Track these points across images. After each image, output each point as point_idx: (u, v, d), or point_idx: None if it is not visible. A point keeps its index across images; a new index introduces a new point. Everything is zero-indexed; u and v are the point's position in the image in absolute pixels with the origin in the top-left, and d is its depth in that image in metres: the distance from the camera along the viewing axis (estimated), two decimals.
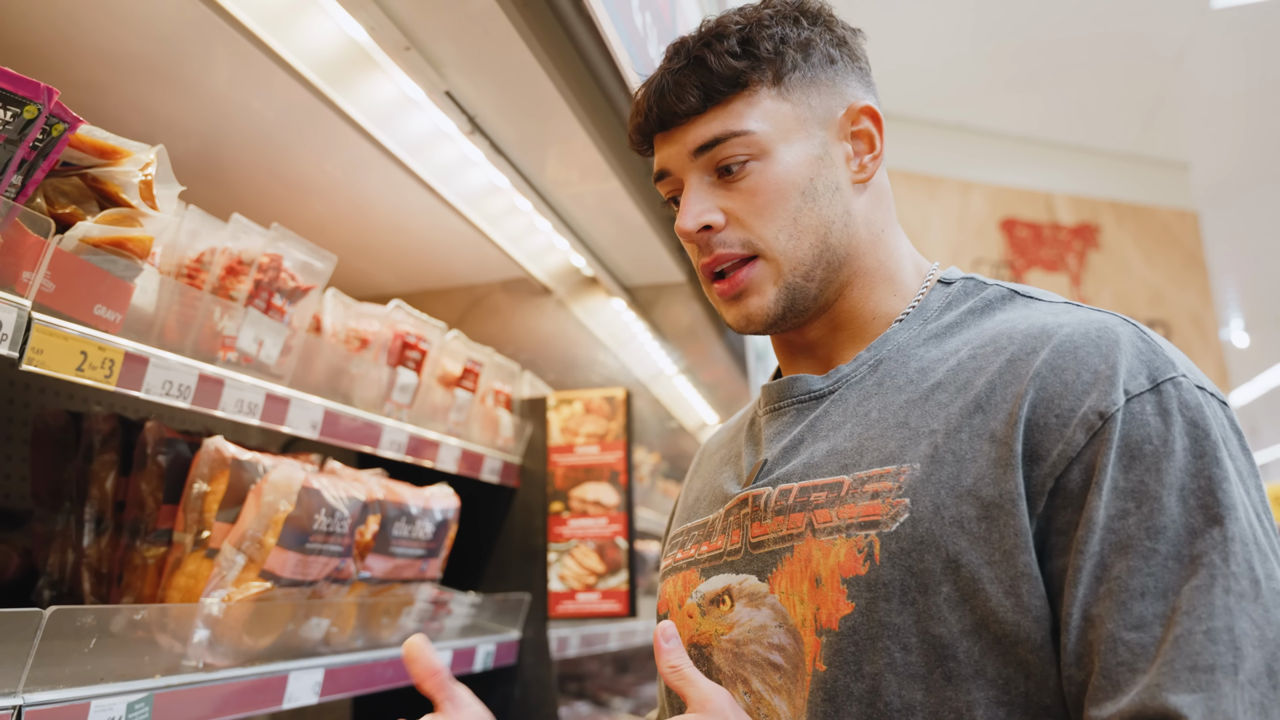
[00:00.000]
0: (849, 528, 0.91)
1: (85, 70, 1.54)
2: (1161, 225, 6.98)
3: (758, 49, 1.02)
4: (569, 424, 2.43)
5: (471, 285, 2.68)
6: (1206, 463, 0.82)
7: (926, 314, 1.04)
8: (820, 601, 0.91)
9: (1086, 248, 6.71)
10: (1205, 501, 0.81)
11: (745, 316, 1.04)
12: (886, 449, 0.94)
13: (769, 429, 1.08)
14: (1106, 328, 0.90)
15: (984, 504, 0.86)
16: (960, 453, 0.89)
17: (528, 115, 1.83)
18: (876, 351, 1.03)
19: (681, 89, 1.03)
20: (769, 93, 1.03)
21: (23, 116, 1.08)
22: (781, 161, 1.02)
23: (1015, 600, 0.84)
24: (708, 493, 1.15)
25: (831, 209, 1.03)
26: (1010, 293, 1.03)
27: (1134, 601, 0.80)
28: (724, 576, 1.03)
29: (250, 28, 1.44)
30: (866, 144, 1.07)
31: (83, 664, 1.15)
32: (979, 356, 0.95)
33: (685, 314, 3.00)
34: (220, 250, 1.48)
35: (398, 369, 1.89)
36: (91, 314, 1.19)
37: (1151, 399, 0.85)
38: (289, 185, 2.00)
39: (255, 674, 1.41)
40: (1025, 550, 0.84)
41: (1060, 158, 7.04)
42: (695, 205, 1.03)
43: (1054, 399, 0.87)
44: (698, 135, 1.03)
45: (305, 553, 1.46)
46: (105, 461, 1.48)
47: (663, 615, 1.12)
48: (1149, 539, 0.81)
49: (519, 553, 2.40)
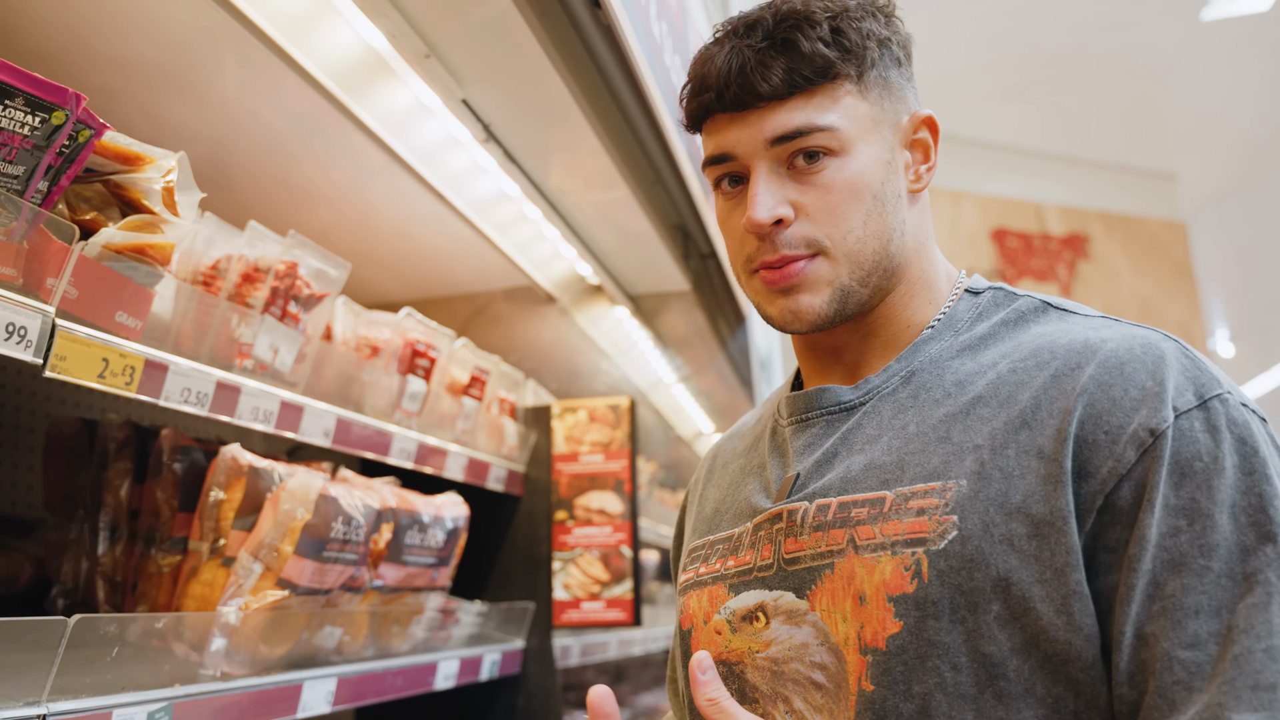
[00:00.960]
0: (894, 545, 0.89)
1: (100, 76, 1.54)
2: (1150, 236, 7.05)
3: (847, 40, 0.98)
4: (573, 432, 2.43)
5: (475, 293, 2.67)
6: (1257, 479, 0.82)
7: (957, 324, 1.02)
8: (864, 620, 0.89)
9: (1076, 258, 6.77)
10: (1257, 519, 0.81)
11: (793, 313, 0.99)
12: (929, 464, 0.92)
13: (797, 440, 1.05)
14: (1150, 343, 0.90)
15: (1034, 521, 0.85)
16: (1008, 469, 0.88)
17: (541, 123, 1.83)
18: (907, 362, 1.01)
19: (766, 69, 0.96)
20: (851, 89, 0.98)
21: (50, 122, 1.07)
22: (858, 161, 0.98)
23: (1066, 618, 0.83)
24: (730, 504, 1.12)
25: (895, 216, 1.00)
26: (1043, 304, 1.02)
27: (1189, 619, 0.79)
28: (755, 593, 1.00)
29: (270, 34, 1.44)
30: (923, 154, 1.05)
31: (104, 673, 1.15)
32: (1020, 370, 0.93)
33: (687, 322, 3.01)
34: (237, 257, 1.47)
35: (408, 377, 1.88)
36: (113, 321, 1.18)
37: (1200, 416, 0.84)
38: (296, 192, 2.00)
39: (271, 683, 1.40)
40: (1076, 568, 0.83)
41: (1051, 168, 7.10)
42: (768, 197, 0.97)
43: (1103, 415, 0.86)
44: (779, 123, 0.97)
45: (322, 561, 1.45)
46: (120, 469, 1.47)
47: (686, 630, 1.09)
48: (1202, 556, 0.80)
49: (523, 561, 2.39)
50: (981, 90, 6.33)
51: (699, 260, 2.87)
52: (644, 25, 1.67)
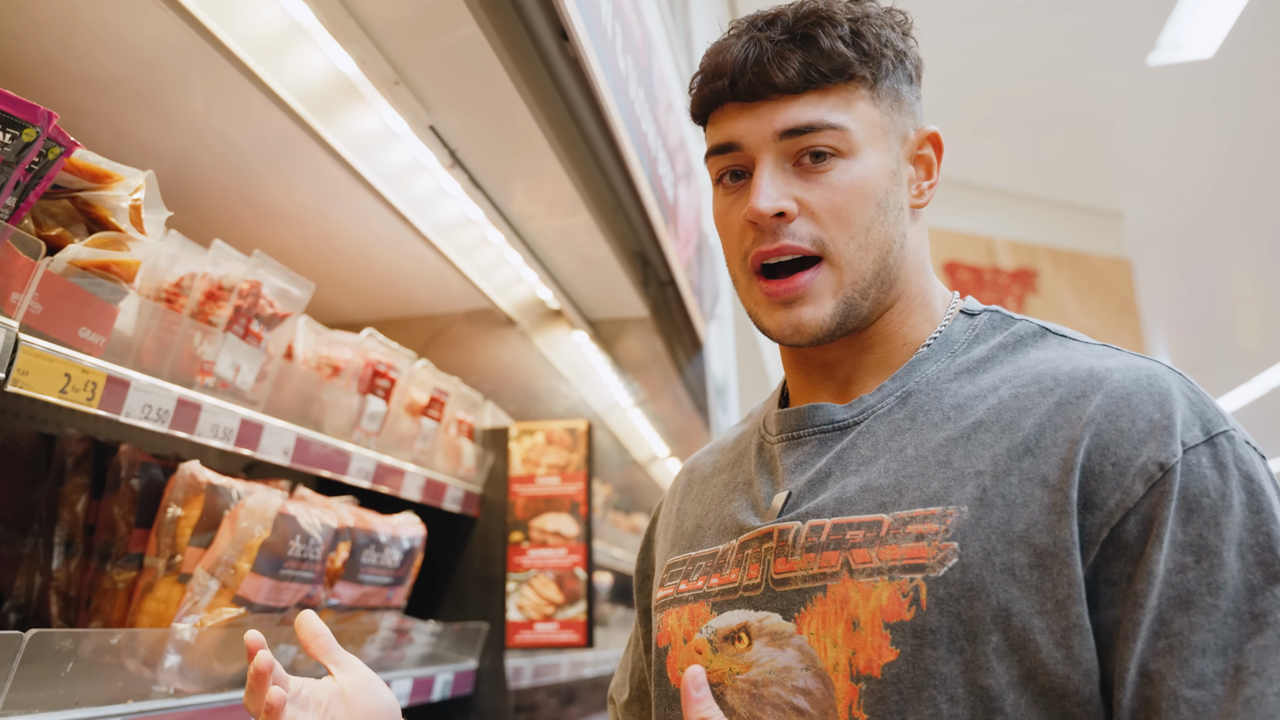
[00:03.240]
0: (892, 570, 0.87)
1: (68, 93, 1.54)
2: (1096, 272, 7.22)
3: (866, 43, 0.97)
4: (530, 454, 2.44)
5: (435, 315, 2.69)
6: (1264, 519, 0.81)
7: (953, 345, 1.01)
8: (858, 646, 0.87)
9: (1025, 292, 6.91)
10: (1265, 558, 0.80)
11: (795, 326, 0.97)
12: (929, 489, 0.90)
13: (787, 458, 1.02)
14: (1156, 375, 0.89)
15: (1037, 552, 0.83)
16: (1010, 497, 0.86)
17: (507, 150, 1.86)
18: (903, 383, 0.99)
19: (784, 61, 0.95)
20: (865, 94, 0.98)
21: (21, 139, 1.08)
22: (866, 165, 0.97)
23: (1066, 652, 0.82)
24: (713, 521, 1.08)
25: (896, 228, 0.99)
26: (1042, 329, 1.00)
27: (1195, 658, 0.78)
28: (740, 612, 0.97)
29: (239, 55, 1.46)
30: (926, 170, 1.04)
31: (58, 689, 1.14)
32: (1022, 396, 0.92)
33: (644, 348, 3.04)
34: (201, 275, 1.48)
35: (368, 397, 1.89)
36: (77, 336, 1.19)
37: (1207, 452, 0.84)
38: (260, 212, 2.01)
39: (224, 700, 1.40)
40: (1078, 601, 0.82)
41: (1001, 204, 7.26)
42: (772, 188, 0.95)
43: (1110, 446, 0.85)
44: (790, 117, 0.96)
45: (279, 579, 1.46)
46: (77, 484, 1.47)
47: (663, 648, 1.05)
48: (1210, 595, 0.79)
49: (478, 582, 2.40)
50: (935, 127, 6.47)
51: (658, 287, 2.91)
52: (610, 58, 1.71)
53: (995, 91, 6.22)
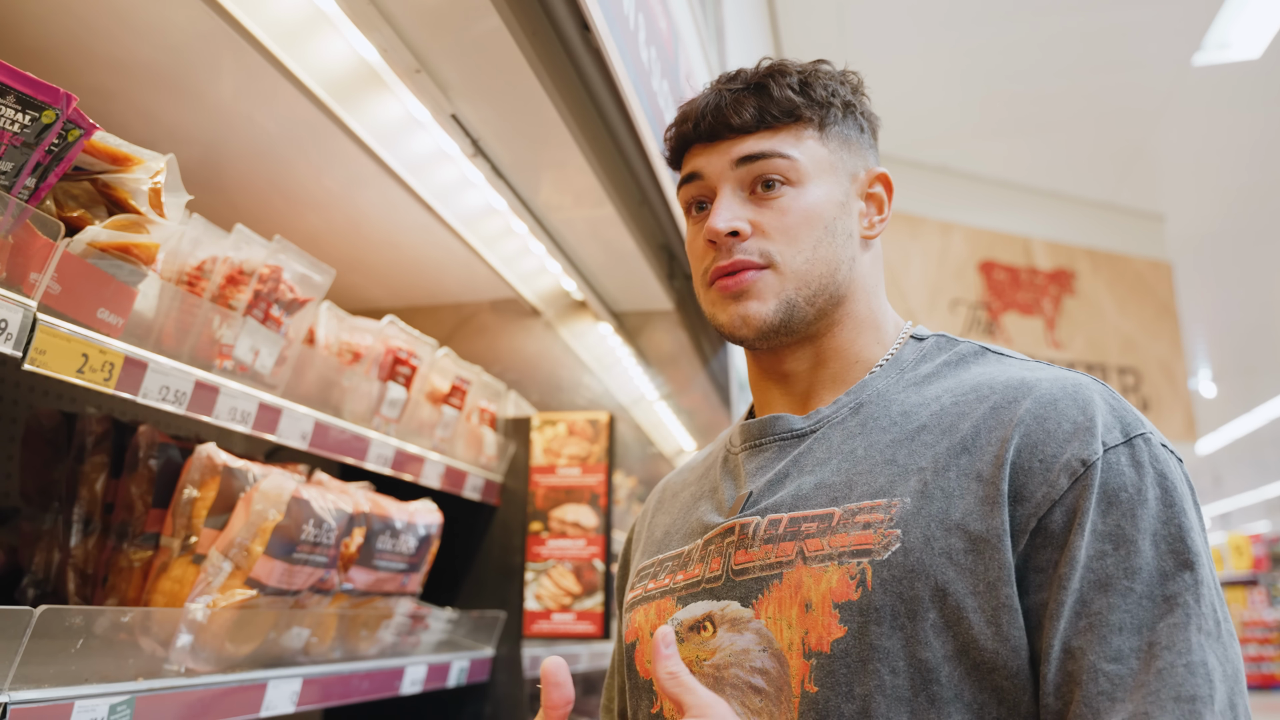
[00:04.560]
0: (841, 555, 0.96)
1: (96, 76, 1.56)
2: (1135, 274, 7.11)
3: (814, 92, 1.11)
4: (552, 445, 2.45)
5: (461, 303, 2.70)
6: (1175, 512, 0.91)
7: (903, 365, 1.11)
8: (810, 625, 0.95)
9: (1062, 293, 6.82)
10: (1176, 547, 0.89)
11: (742, 317, 1.08)
12: (876, 483, 0.99)
13: (750, 464, 1.12)
14: (1081, 384, 0.99)
15: (971, 538, 0.92)
16: (948, 489, 0.95)
17: (529, 141, 1.86)
18: (856, 396, 1.09)
19: (740, 105, 1.09)
20: (813, 134, 1.11)
21: (40, 121, 1.09)
22: (813, 194, 1.09)
23: (995, 629, 0.90)
24: (680, 526, 1.17)
25: (844, 250, 1.10)
26: (982, 349, 1.11)
27: (1113, 635, 0.86)
28: (704, 603, 1.05)
29: (264, 42, 1.47)
30: (877, 207, 1.16)
31: (68, 664, 1.16)
32: (962, 403, 1.02)
33: (671, 341, 3.04)
34: (222, 259, 1.50)
35: (388, 384, 1.90)
36: (95, 317, 1.20)
37: (1126, 451, 0.93)
38: (287, 197, 2.02)
39: (235, 681, 1.42)
40: (1007, 583, 0.90)
41: (1039, 204, 7.16)
42: (728, 211, 1.08)
43: (1038, 445, 0.94)
44: (745, 147, 1.09)
45: (291, 562, 1.47)
46: (96, 463, 1.49)
47: (630, 644, 1.14)
48: (1126, 578, 0.88)
49: (496, 570, 2.41)
50: (974, 124, 6.40)
51: (684, 281, 2.90)
52: (632, 50, 1.71)
53: (1036, 89, 6.14)
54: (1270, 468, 18.62)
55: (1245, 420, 14.26)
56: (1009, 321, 6.51)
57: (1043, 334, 6.65)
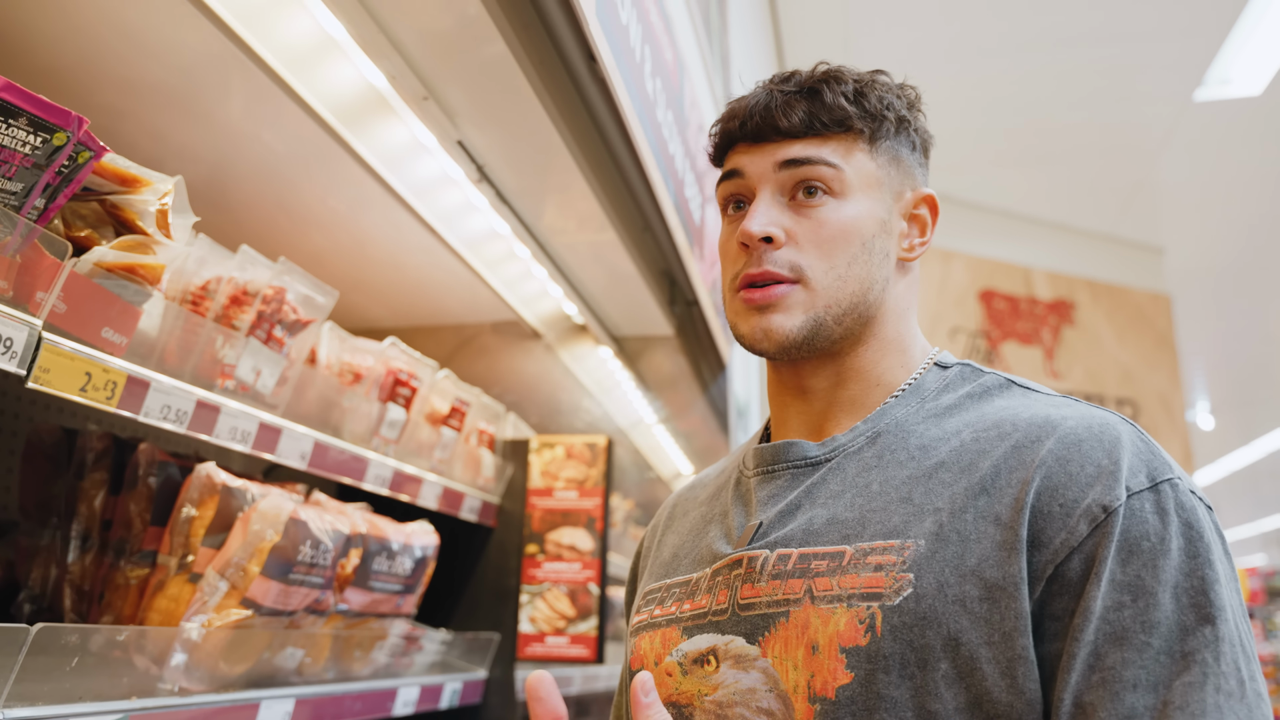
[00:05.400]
0: (850, 597, 0.92)
1: (106, 96, 1.58)
2: (1135, 306, 7.13)
3: (867, 103, 1.07)
4: (549, 468, 2.46)
5: (462, 325, 2.71)
6: (1200, 564, 0.86)
7: (924, 393, 1.07)
8: (815, 669, 0.91)
9: (1061, 323, 6.84)
10: (1198, 601, 0.84)
11: (765, 330, 1.04)
12: (890, 523, 0.95)
13: (761, 491, 1.08)
14: (1108, 424, 0.94)
15: (987, 585, 0.88)
16: (965, 532, 0.91)
17: (534, 167, 1.88)
18: (874, 424, 1.05)
19: (790, 108, 1.06)
20: (863, 147, 1.07)
21: (52, 143, 1.11)
22: (855, 207, 1.05)
23: (1010, 681, 0.86)
24: (689, 550, 1.14)
25: (879, 270, 1.07)
26: (1008, 381, 1.06)
27: (1126, 692, 0.82)
28: (708, 636, 1.01)
29: (273, 66, 1.49)
30: (919, 229, 1.12)
31: (63, 682, 1.16)
32: (982, 440, 0.97)
33: (670, 366, 3.05)
34: (226, 280, 1.51)
35: (388, 404, 1.91)
36: (99, 336, 1.21)
37: (1150, 497, 0.88)
38: (292, 217, 2.04)
39: (228, 700, 1.42)
40: (1024, 633, 0.86)
41: (1040, 234, 7.19)
42: (765, 214, 1.04)
43: (1059, 488, 0.90)
44: (790, 151, 1.06)
45: (288, 583, 1.48)
46: (96, 480, 1.49)
47: (636, 671, 1.10)
48: (1143, 632, 0.84)
49: (491, 592, 2.41)
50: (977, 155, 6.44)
51: (684, 306, 2.91)
52: (637, 82, 1.73)
53: (1040, 121, 6.18)
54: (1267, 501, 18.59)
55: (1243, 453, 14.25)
56: (1008, 351, 6.52)
57: (1041, 364, 6.66)
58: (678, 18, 2.37)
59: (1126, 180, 6.84)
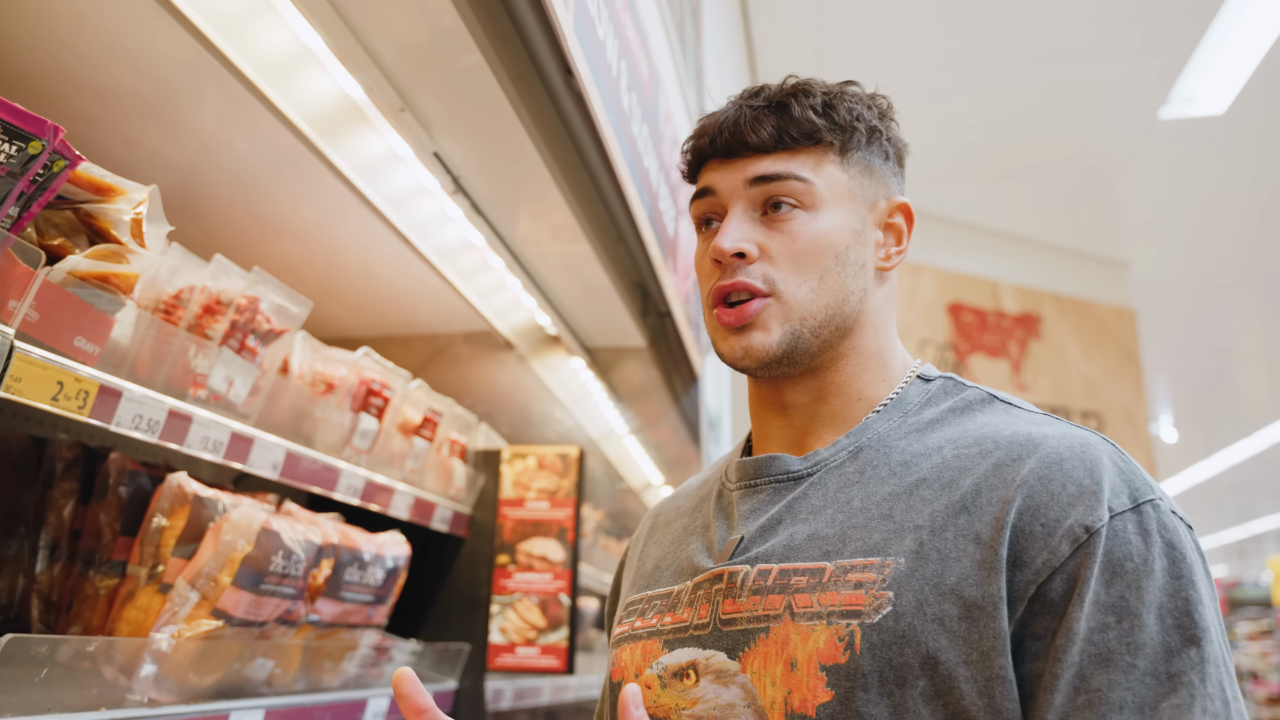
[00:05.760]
0: (830, 615, 0.92)
1: (80, 103, 1.57)
2: (1100, 320, 7.22)
3: (836, 115, 1.08)
4: (521, 478, 2.46)
5: (435, 335, 2.71)
6: (1183, 584, 0.86)
7: (906, 407, 1.07)
8: (794, 686, 0.91)
9: (1028, 336, 6.91)
10: (1182, 622, 0.85)
11: (745, 349, 1.05)
12: (870, 540, 0.95)
13: (743, 505, 1.08)
14: (1090, 444, 0.94)
15: (966, 604, 0.88)
16: (945, 551, 0.91)
17: (509, 179, 1.88)
18: (856, 439, 1.05)
19: (759, 123, 1.06)
20: (833, 158, 1.07)
21: (27, 151, 1.10)
22: (826, 220, 1.06)
23: (988, 700, 0.86)
24: (671, 562, 1.14)
25: (854, 281, 1.07)
26: (990, 396, 1.07)
27: (1113, 714, 0.82)
28: (689, 650, 1.02)
29: (248, 75, 1.49)
30: (895, 238, 1.12)
31: (31, 693, 1.15)
32: (963, 457, 0.97)
33: (642, 377, 3.06)
34: (200, 289, 1.50)
35: (360, 414, 1.91)
36: (72, 345, 1.21)
37: (1133, 518, 0.89)
38: (265, 225, 2.03)
39: (198, 712, 1.41)
40: (1003, 653, 0.86)
41: (1008, 249, 7.28)
42: (737, 230, 1.05)
43: (1040, 508, 0.90)
44: (761, 167, 1.06)
45: (259, 594, 1.47)
46: (65, 489, 1.48)
47: (617, 682, 1.11)
48: (1129, 654, 0.83)
49: (462, 602, 2.40)
50: (946, 169, 6.52)
51: (656, 318, 2.93)
52: (613, 96, 1.74)
53: (1007, 137, 6.26)
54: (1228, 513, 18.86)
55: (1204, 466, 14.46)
56: (976, 363, 6.59)
57: (1008, 377, 6.73)
58: (653, 33, 2.39)
59: (1093, 196, 6.95)
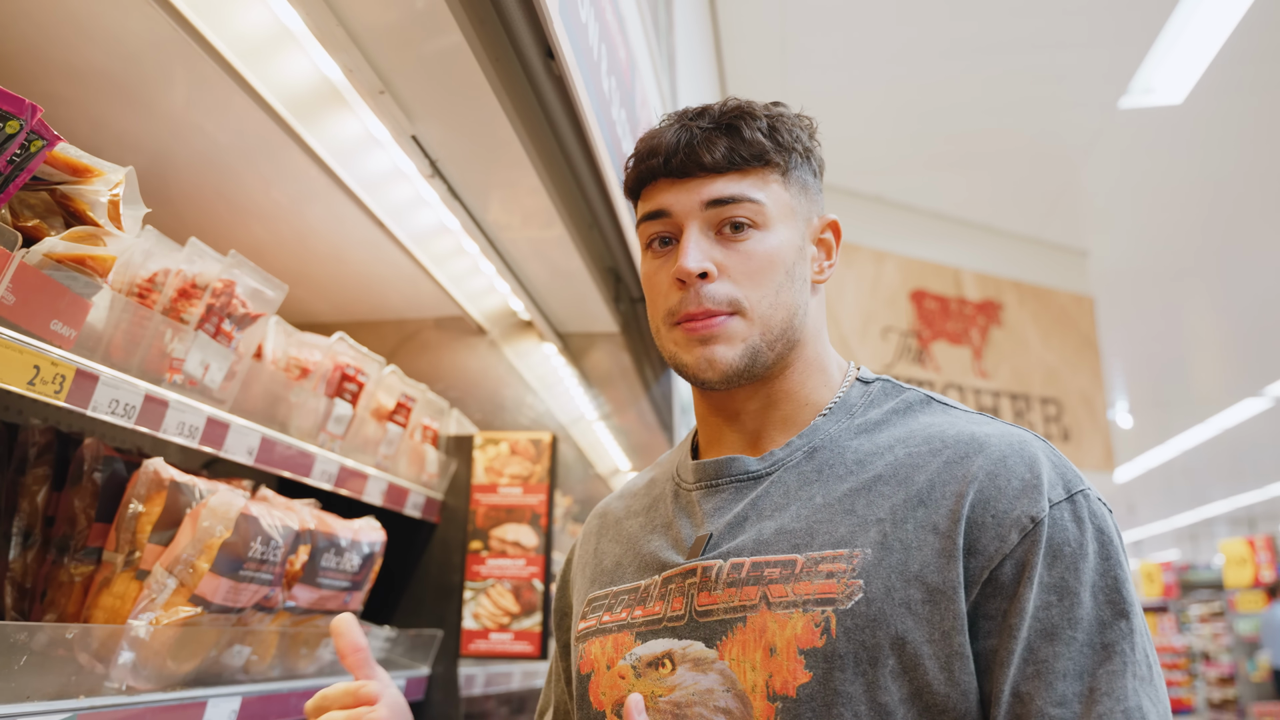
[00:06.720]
0: (806, 603, 1.00)
1: (49, 83, 1.54)
2: (1060, 308, 7.33)
3: (781, 137, 1.13)
4: (494, 464, 2.45)
5: (405, 320, 2.69)
6: (1112, 565, 0.98)
7: (851, 409, 1.15)
8: (774, 669, 0.99)
9: (989, 324, 7.00)
10: (1113, 598, 0.96)
11: (708, 361, 1.09)
12: (837, 533, 1.03)
13: (706, 504, 1.14)
14: (1026, 441, 1.05)
15: (929, 589, 0.97)
16: (907, 541, 1.00)
17: (486, 163, 1.87)
18: (809, 439, 1.12)
19: (712, 145, 1.10)
20: (777, 178, 1.13)
21: (4, 131, 1.09)
22: (777, 237, 1.12)
23: (948, 675, 0.96)
24: (632, 559, 1.19)
25: (800, 295, 1.14)
26: (927, 398, 1.16)
27: (1058, 681, 0.93)
28: (664, 641, 1.08)
29: (225, 55, 1.46)
30: (826, 252, 1.20)
31: (9, 681, 1.14)
32: (915, 455, 1.06)
33: (613, 363, 3.06)
34: (175, 272, 1.48)
35: (335, 400, 1.90)
36: (48, 329, 1.19)
37: (1068, 507, 1.00)
38: (235, 208, 2.00)
39: (175, 699, 1.40)
40: (961, 632, 0.96)
41: (970, 236, 7.35)
42: (697, 251, 1.09)
43: (990, 501, 1.00)
44: (715, 190, 1.10)
45: (238, 580, 1.46)
46: (38, 475, 1.46)
47: (586, 674, 1.16)
48: (1069, 628, 0.95)
49: (435, 589, 2.40)
50: (909, 157, 6.56)
51: (629, 304, 2.93)
52: (594, 79, 1.73)
53: (969, 126, 6.32)
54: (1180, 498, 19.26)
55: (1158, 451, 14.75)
56: (938, 350, 6.66)
57: (970, 363, 6.81)
58: (630, 17, 2.39)
59: (1053, 185, 7.03)
